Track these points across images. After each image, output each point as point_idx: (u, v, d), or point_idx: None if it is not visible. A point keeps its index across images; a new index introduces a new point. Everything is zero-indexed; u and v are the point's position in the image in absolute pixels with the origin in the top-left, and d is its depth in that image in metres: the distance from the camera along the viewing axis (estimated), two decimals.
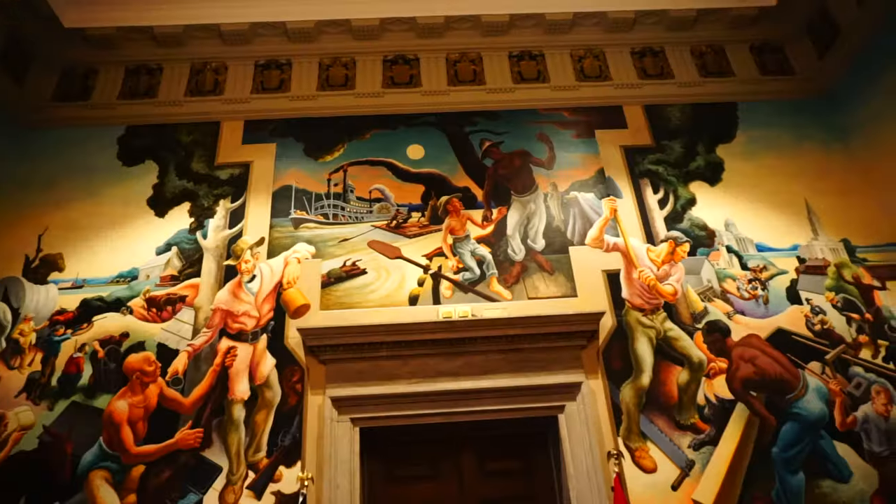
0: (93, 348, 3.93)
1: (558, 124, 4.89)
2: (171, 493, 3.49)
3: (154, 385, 3.79)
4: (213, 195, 4.51)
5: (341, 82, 5.03)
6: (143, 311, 4.05)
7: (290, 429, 3.67)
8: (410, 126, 4.83)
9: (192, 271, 4.20)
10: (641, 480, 3.53)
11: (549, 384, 3.76)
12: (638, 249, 4.28)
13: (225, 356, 3.86)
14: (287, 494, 3.48)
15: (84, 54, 5.05)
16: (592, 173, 4.67)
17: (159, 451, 3.61)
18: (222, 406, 3.73)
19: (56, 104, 4.89)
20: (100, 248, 4.31)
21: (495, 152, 4.73)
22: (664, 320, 4.02)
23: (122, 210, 4.44)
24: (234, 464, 3.57)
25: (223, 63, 5.11)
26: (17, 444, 3.63)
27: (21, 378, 3.83)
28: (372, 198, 4.52)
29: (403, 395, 3.73)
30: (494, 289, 4.14)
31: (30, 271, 4.21)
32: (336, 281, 4.14)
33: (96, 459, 3.59)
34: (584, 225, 4.42)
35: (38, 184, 4.53)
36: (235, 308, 4.02)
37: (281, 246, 4.29)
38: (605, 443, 3.63)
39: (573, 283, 4.16)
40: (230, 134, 4.78)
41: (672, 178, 4.62)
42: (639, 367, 3.85)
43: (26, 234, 4.33)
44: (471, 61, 5.17)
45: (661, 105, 4.99)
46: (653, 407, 3.74)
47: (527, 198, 4.54)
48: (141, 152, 4.69)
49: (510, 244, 4.33)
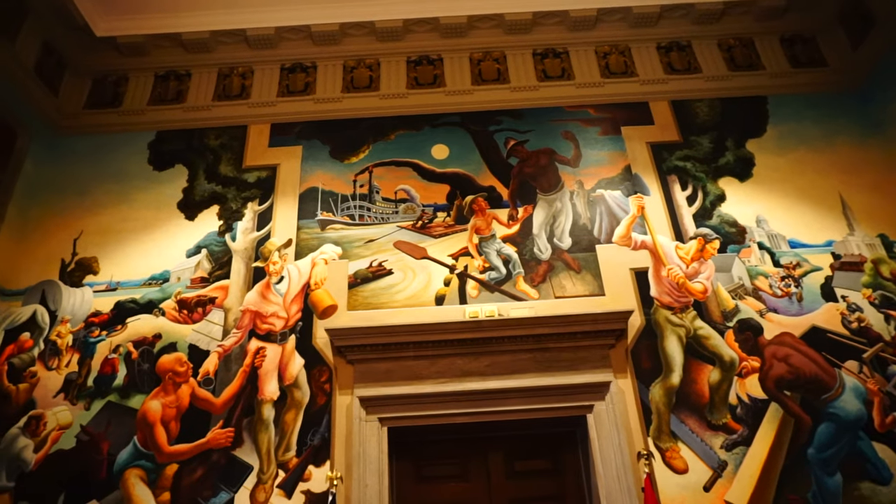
0: (127, 349, 4.01)
1: (584, 122, 4.85)
2: (204, 492, 3.55)
3: (186, 385, 3.86)
4: (241, 198, 4.57)
5: (366, 84, 5.06)
6: (175, 313, 4.12)
7: (318, 428, 3.70)
8: (435, 126, 4.84)
9: (222, 273, 4.26)
10: (673, 481, 3.48)
11: (577, 384, 3.73)
12: (666, 247, 4.22)
13: (254, 357, 3.91)
14: (317, 493, 3.51)
15: (115, 62, 5.16)
16: (619, 170, 4.62)
17: (192, 450, 3.67)
18: (252, 406, 3.77)
19: (89, 111, 5.01)
20: (132, 251, 4.40)
21: (520, 151, 4.71)
22: (694, 318, 3.95)
23: (154, 214, 4.53)
24: (265, 463, 3.62)
25: (249, 67, 5.18)
26: (56, 442, 3.72)
27: (59, 378, 3.93)
28: (397, 198, 4.54)
29: (430, 394, 3.73)
30: (521, 288, 4.12)
31: (66, 275, 4.31)
32: (363, 281, 4.17)
33: (131, 458, 3.66)
34: (611, 223, 4.37)
35: (72, 189, 4.64)
36: (264, 309, 4.07)
37: (308, 247, 4.33)
38: (634, 443, 3.58)
39: (601, 281, 4.12)
40: (257, 137, 4.84)
41: (700, 175, 4.54)
42: (668, 366, 3.80)
43: (62, 239, 4.44)
44: (494, 60, 5.15)
45: (688, 100, 4.91)
46: (683, 406, 3.68)
47: (553, 196, 4.51)
48: (171, 157, 4.78)
49: (536, 243, 4.31)
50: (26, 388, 3.89)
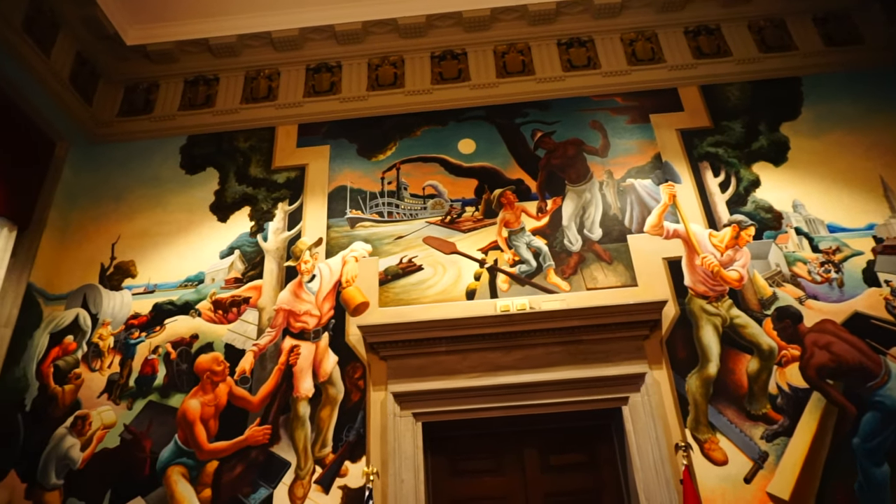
0: (165, 350, 4.11)
1: (611, 111, 4.79)
2: (244, 488, 3.62)
3: (223, 384, 3.93)
4: (272, 198, 4.63)
5: (390, 81, 5.07)
6: (211, 314, 4.20)
7: (354, 424, 3.73)
8: (461, 121, 4.83)
9: (255, 273, 4.33)
10: (712, 473, 3.42)
11: (612, 375, 3.69)
12: (700, 235, 4.14)
13: (289, 355, 3.96)
14: (353, 489, 3.55)
15: (146, 69, 5.27)
16: (649, 159, 4.54)
17: (231, 447, 3.74)
18: (288, 403, 3.83)
19: (122, 119, 5.13)
20: (168, 254, 4.49)
21: (547, 142, 4.67)
22: (730, 307, 3.88)
23: (187, 217, 4.62)
24: (302, 459, 3.67)
25: (276, 69, 5.24)
26: (101, 441, 3.83)
27: (102, 379, 4.04)
28: (425, 194, 4.54)
29: (464, 389, 3.74)
30: (552, 280, 4.09)
31: (105, 278, 4.43)
32: (393, 278, 4.19)
33: (173, 456, 3.75)
34: (642, 212, 4.31)
35: (109, 195, 4.76)
36: (297, 308, 4.12)
37: (338, 245, 4.37)
38: (671, 434, 3.53)
39: (633, 271, 4.07)
40: (285, 138, 4.89)
41: (733, 160, 4.44)
42: (705, 356, 3.73)
43: (101, 244, 4.56)
44: (519, 52, 5.11)
45: (718, 85, 4.80)
46: (721, 397, 3.61)
47: (582, 187, 4.46)
48: (202, 160, 4.87)
49: (566, 235, 4.27)
50: (72, 389, 4.01)
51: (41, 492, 3.71)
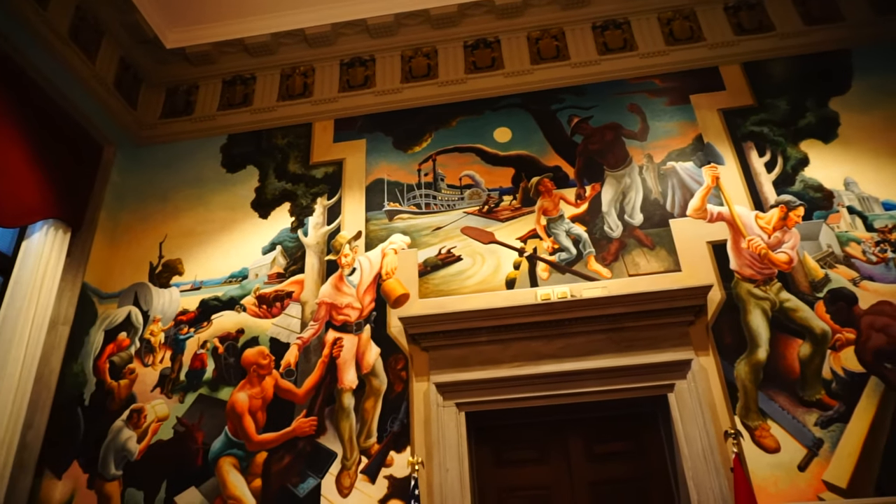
0: (213, 345, 4.21)
1: (649, 93, 4.68)
2: (292, 478, 3.69)
3: (270, 377, 4.01)
4: (311, 194, 4.69)
5: (424, 72, 5.07)
6: (255, 308, 4.29)
7: (397, 415, 3.77)
8: (496, 109, 4.79)
9: (297, 268, 4.40)
10: (764, 460, 3.33)
11: (657, 363, 3.63)
12: (745, 217, 4.02)
13: (332, 347, 4.02)
14: (399, 478, 3.59)
15: (185, 72, 5.39)
16: (690, 141, 4.43)
17: (278, 438, 3.82)
18: (333, 395, 3.89)
19: (164, 121, 5.25)
20: (212, 251, 4.60)
21: (585, 128, 4.60)
22: (779, 291, 3.76)
23: (230, 214, 4.72)
24: (348, 449, 3.72)
25: (310, 66, 5.29)
26: (156, 433, 3.97)
27: (155, 374, 4.18)
28: (462, 184, 4.53)
29: (506, 378, 3.73)
30: (593, 267, 4.04)
31: (154, 277, 4.57)
32: (433, 269, 4.20)
33: (224, 447, 3.85)
34: (684, 196, 4.21)
35: (155, 196, 4.90)
36: (339, 301, 4.17)
37: (377, 238, 4.40)
38: (720, 422, 3.45)
39: (676, 256, 3.98)
40: (322, 133, 4.94)
41: (779, 139, 4.28)
42: (754, 341, 3.63)
43: (149, 243, 4.70)
44: (553, 37, 5.04)
45: (761, 61, 4.63)
46: (772, 383, 3.51)
47: (621, 172, 4.38)
48: (242, 158, 4.96)
49: (606, 221, 4.21)
50: (127, 384, 4.16)
51: (102, 482, 3.87)
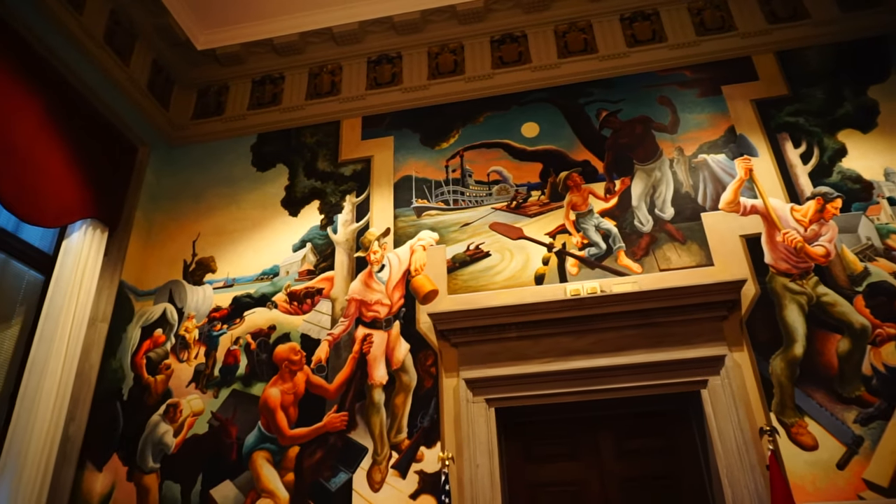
0: (246, 341, 4.28)
1: (679, 85, 4.60)
2: (324, 472, 3.74)
3: (301, 373, 4.07)
4: (340, 191, 4.73)
5: (451, 69, 5.06)
6: (286, 305, 4.35)
7: (427, 410, 3.79)
8: (523, 104, 4.76)
9: (326, 265, 4.44)
10: (801, 458, 3.27)
11: (689, 358, 3.58)
12: (780, 210, 3.94)
13: (362, 343, 4.05)
14: (430, 473, 3.61)
15: (216, 73, 5.48)
16: (721, 133, 4.34)
17: (310, 433, 3.87)
18: (363, 391, 3.92)
19: (196, 122, 5.35)
20: (244, 249, 4.67)
21: (613, 121, 4.54)
22: (816, 285, 3.67)
23: (261, 213, 4.79)
24: (378, 445, 3.75)
25: (338, 64, 5.33)
26: (191, 428, 4.05)
27: (189, 370, 4.27)
28: (490, 180, 4.52)
29: (536, 374, 3.72)
30: (623, 262, 3.99)
31: (188, 274, 4.66)
32: (461, 265, 4.20)
33: (257, 441, 3.92)
34: (716, 189, 4.13)
35: (188, 195, 5.00)
36: (368, 297, 4.20)
37: (406, 235, 4.42)
38: (755, 419, 3.39)
39: (708, 250, 3.92)
40: (350, 131, 4.98)
41: (815, 129, 4.17)
42: (790, 336, 3.55)
43: (183, 242, 4.79)
44: (580, 30, 4.98)
45: (796, 50, 4.51)
46: (809, 379, 3.43)
47: (651, 165, 4.32)
48: (272, 157, 5.02)
49: (636, 215, 4.16)
50: (163, 379, 4.26)
51: (140, 474, 3.97)
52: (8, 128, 3.56)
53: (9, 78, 3.62)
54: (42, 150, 3.81)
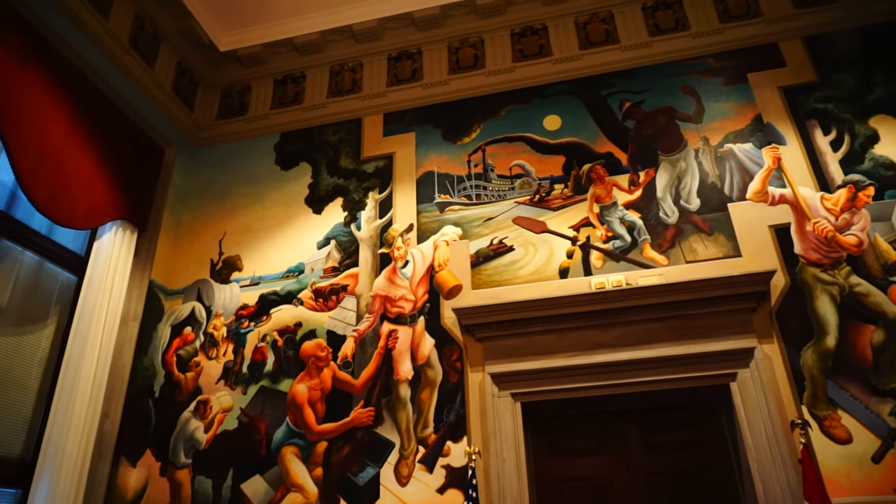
0: (273, 338, 4.33)
1: (703, 73, 4.52)
2: (352, 467, 3.78)
3: (327, 369, 4.11)
4: (363, 188, 4.75)
5: (471, 63, 5.05)
6: (312, 302, 4.39)
7: (453, 405, 3.80)
8: (544, 97, 4.73)
9: (351, 262, 4.47)
10: (834, 452, 3.21)
11: (717, 351, 3.53)
12: (810, 199, 3.85)
13: (387, 339, 4.08)
14: (456, 468, 3.62)
15: (238, 73, 5.54)
16: (748, 121, 4.26)
17: (338, 428, 3.91)
18: (389, 386, 3.95)
19: (220, 122, 5.41)
20: (269, 247, 4.73)
21: (637, 112, 4.49)
22: (848, 275, 3.59)
23: (285, 211, 4.83)
24: (405, 439, 3.78)
25: (359, 62, 5.34)
26: (221, 424, 4.12)
27: (218, 367, 4.34)
28: (513, 174, 4.50)
29: (562, 368, 3.70)
30: (648, 255, 3.95)
31: (215, 273, 4.73)
32: (485, 260, 4.20)
33: (285, 437, 3.97)
34: (743, 179, 4.06)
35: (213, 195, 5.07)
36: (393, 293, 4.23)
37: (429, 230, 4.43)
38: (786, 412, 3.34)
39: (735, 241, 3.85)
40: (371, 128, 5.00)
41: (846, 115, 4.07)
42: (821, 328, 3.48)
43: (209, 241, 4.87)
44: (601, 21, 4.92)
45: (824, 34, 4.40)
46: (842, 371, 3.36)
47: (676, 156, 4.27)
48: (295, 156, 5.06)
49: (661, 207, 4.11)
50: (193, 377, 4.34)
51: (173, 470, 4.05)
52: (40, 133, 3.65)
53: (39, 84, 3.71)
54: (72, 155, 3.90)
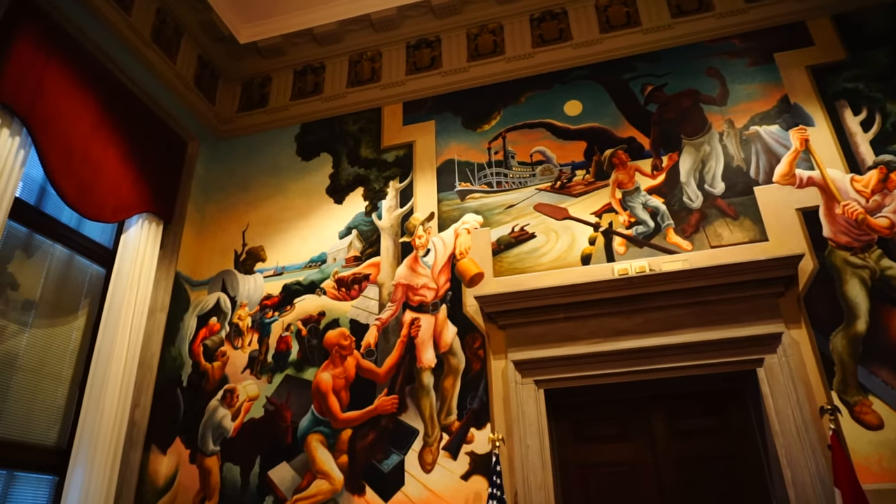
0: (297, 327, 4.38)
1: (728, 55, 4.43)
2: (377, 454, 3.82)
3: (351, 357, 4.14)
4: (383, 177, 4.76)
5: (490, 49, 5.00)
6: (335, 291, 4.43)
7: (476, 393, 3.81)
8: (565, 83, 4.67)
9: (372, 251, 4.49)
10: (865, 438, 3.15)
11: (744, 337, 3.49)
12: (839, 181, 3.76)
13: (410, 327, 4.10)
14: (480, 454, 3.64)
15: (258, 65, 5.57)
16: (774, 103, 4.17)
17: (362, 416, 3.95)
18: (412, 374, 3.97)
19: (241, 114, 5.46)
20: (292, 237, 4.77)
21: (659, 96, 4.42)
22: (880, 258, 3.50)
23: (306, 201, 4.87)
24: (429, 427, 3.80)
25: (377, 51, 5.33)
26: (248, 412, 4.19)
27: (244, 356, 4.40)
28: (533, 161, 4.47)
29: (585, 355, 3.69)
30: (672, 240, 3.90)
31: (239, 264, 4.79)
32: (506, 247, 4.18)
33: (311, 425, 4.03)
34: (769, 161, 3.98)
35: (236, 186, 5.12)
36: (414, 282, 4.24)
37: (450, 219, 4.42)
38: (815, 398, 3.29)
39: (762, 225, 3.78)
40: (391, 117, 4.99)
41: (877, 95, 3.95)
42: (852, 312, 3.41)
43: (233, 232, 4.93)
44: (622, 3, 4.83)
45: (854, 11, 4.27)
46: (873, 356, 3.30)
47: (699, 140, 4.19)
48: (316, 146, 5.09)
49: (685, 191, 4.05)
50: (219, 366, 4.41)
51: (202, 457, 4.14)
52: (67, 129, 3.71)
53: (64, 80, 3.77)
54: (98, 149, 3.96)
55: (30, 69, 3.49)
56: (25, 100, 3.42)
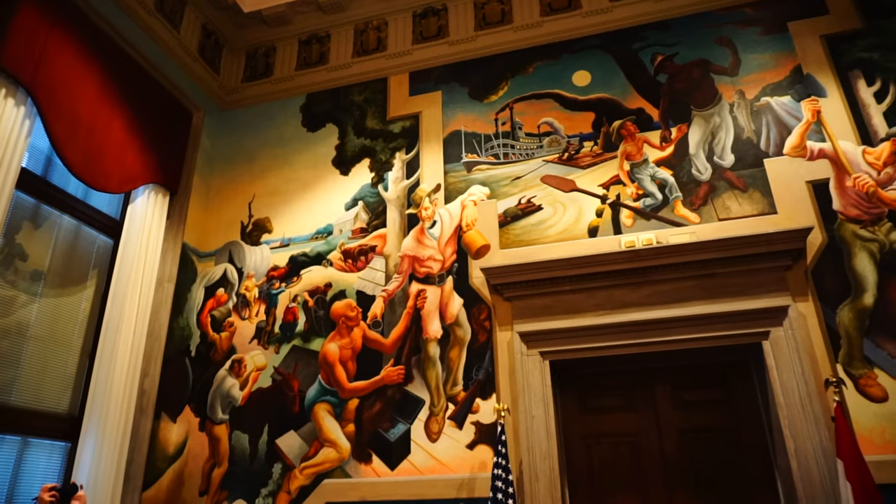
0: (304, 298, 4.41)
1: (740, 24, 4.34)
2: (383, 423, 3.87)
3: (358, 328, 4.17)
4: (389, 149, 4.73)
5: (498, 18, 4.91)
6: (341, 263, 4.44)
7: (482, 364, 3.84)
8: (574, 52, 4.60)
9: (379, 222, 4.49)
10: (869, 410, 3.17)
11: (750, 309, 3.49)
12: (851, 153, 3.72)
13: (416, 299, 4.11)
14: (486, 424, 3.69)
15: (263, 34, 5.50)
16: (787, 73, 4.09)
17: (368, 386, 4.00)
18: (419, 345, 4.00)
19: (246, 85, 5.41)
20: (298, 209, 4.76)
21: (669, 66, 4.34)
22: (889, 231, 3.48)
23: (313, 173, 4.85)
24: (435, 397, 3.84)
25: (383, 20, 5.25)
26: (256, 382, 4.24)
27: (251, 327, 4.44)
28: (541, 132, 4.42)
29: (590, 327, 3.70)
30: (680, 213, 3.88)
31: (246, 235, 4.80)
32: (513, 219, 4.17)
33: (318, 395, 4.08)
34: (780, 133, 3.93)
35: (242, 158, 5.10)
36: (421, 253, 4.24)
37: (456, 190, 4.40)
38: (820, 370, 3.30)
39: (771, 198, 3.75)
40: (397, 88, 4.94)
41: (892, 65, 3.86)
42: (859, 285, 3.40)
43: (239, 203, 4.92)
44: None
45: None
46: (879, 330, 3.30)
47: (709, 111, 4.14)
48: (321, 117, 5.05)
49: (694, 163, 4.01)
50: (227, 336, 4.45)
51: (211, 425, 4.20)
52: (72, 99, 3.69)
53: (68, 49, 3.73)
54: (104, 120, 3.94)
55: (33, 38, 3.46)
56: (30, 68, 3.39)
